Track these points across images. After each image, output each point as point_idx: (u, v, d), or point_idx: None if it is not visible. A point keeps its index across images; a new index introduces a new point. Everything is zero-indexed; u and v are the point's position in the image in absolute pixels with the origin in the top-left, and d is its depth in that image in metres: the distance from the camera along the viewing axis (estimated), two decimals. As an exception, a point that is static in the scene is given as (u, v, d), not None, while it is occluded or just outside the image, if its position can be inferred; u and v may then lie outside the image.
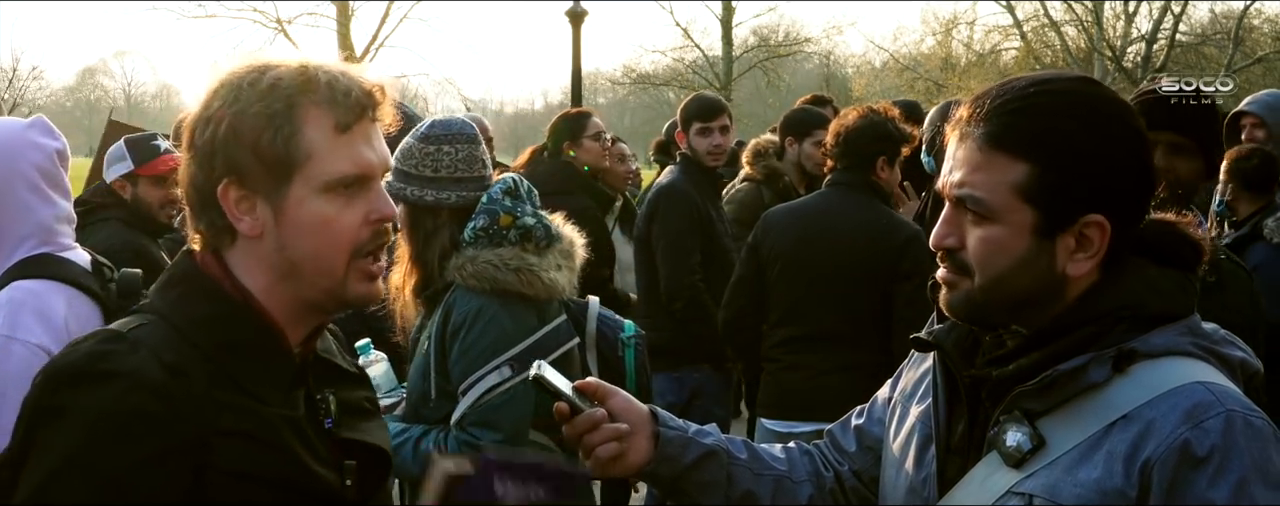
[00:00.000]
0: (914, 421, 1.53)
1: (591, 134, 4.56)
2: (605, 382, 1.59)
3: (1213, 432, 1.24)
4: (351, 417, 1.46)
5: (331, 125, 1.31)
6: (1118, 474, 1.27)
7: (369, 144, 1.35)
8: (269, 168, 1.30)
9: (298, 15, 35.21)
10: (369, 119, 1.36)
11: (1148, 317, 1.35)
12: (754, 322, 3.68)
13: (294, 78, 1.31)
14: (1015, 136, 1.32)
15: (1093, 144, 1.32)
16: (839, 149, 3.59)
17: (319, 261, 1.34)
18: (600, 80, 44.98)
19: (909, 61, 34.99)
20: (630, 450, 1.55)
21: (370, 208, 1.35)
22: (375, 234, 1.36)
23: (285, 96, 1.30)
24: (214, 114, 1.31)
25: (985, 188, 1.33)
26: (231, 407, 1.28)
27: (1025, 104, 1.33)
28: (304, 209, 1.32)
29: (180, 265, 1.41)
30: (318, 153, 1.31)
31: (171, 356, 1.26)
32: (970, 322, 1.43)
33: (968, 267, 1.37)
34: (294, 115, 1.30)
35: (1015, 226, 1.33)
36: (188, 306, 1.34)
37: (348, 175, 1.33)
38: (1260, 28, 30.13)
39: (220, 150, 1.31)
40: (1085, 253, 1.34)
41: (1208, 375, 1.31)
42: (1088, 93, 1.36)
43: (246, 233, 1.34)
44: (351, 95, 1.32)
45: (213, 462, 1.25)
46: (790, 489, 1.64)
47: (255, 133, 1.30)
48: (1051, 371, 1.32)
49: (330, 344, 1.53)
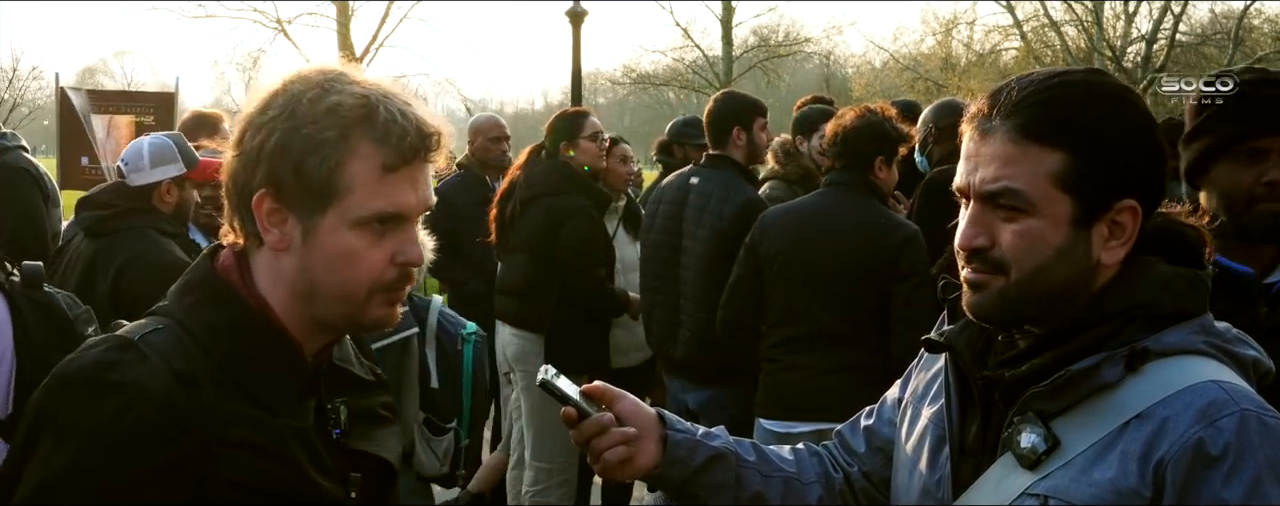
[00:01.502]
0: (926, 423, 1.53)
1: (589, 134, 4.55)
2: (613, 387, 1.59)
3: (1227, 431, 1.24)
4: (364, 426, 1.46)
5: (380, 164, 1.29)
6: (1132, 473, 1.27)
7: (413, 185, 1.33)
8: (308, 191, 1.29)
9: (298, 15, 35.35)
10: (421, 160, 1.33)
11: (1161, 316, 1.35)
12: (752, 322, 3.67)
13: (355, 107, 1.29)
14: (1048, 126, 1.32)
15: (1120, 129, 1.33)
16: (836, 148, 3.59)
17: (338, 290, 1.33)
18: (600, 80, 44.96)
19: (909, 61, 35.01)
20: (639, 453, 1.55)
21: (398, 248, 1.33)
22: (400, 275, 1.34)
23: (341, 125, 1.28)
24: (268, 121, 1.30)
25: (1023, 179, 1.32)
26: (239, 418, 1.27)
27: (1052, 94, 1.33)
28: (333, 238, 1.30)
29: (199, 269, 1.39)
30: (360, 188, 1.29)
31: (183, 364, 1.26)
32: (1001, 323, 1.42)
33: (1002, 265, 1.35)
34: (344, 146, 1.28)
35: (1054, 218, 1.33)
36: (204, 313, 1.33)
37: (384, 213, 1.31)
38: (1260, 28, 30.15)
39: (265, 160, 1.30)
40: (1118, 239, 1.35)
41: (1221, 374, 1.31)
42: (1103, 82, 1.37)
43: (272, 245, 1.33)
44: (407, 139, 1.30)
45: (216, 473, 1.24)
46: (799, 490, 1.64)
47: (302, 154, 1.28)
48: (1064, 372, 1.32)
49: (347, 351, 1.51)
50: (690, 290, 4.11)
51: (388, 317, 1.38)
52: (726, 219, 4.00)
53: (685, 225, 4.15)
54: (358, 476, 1.40)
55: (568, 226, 4.34)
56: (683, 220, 4.16)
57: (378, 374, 1.57)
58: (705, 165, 4.28)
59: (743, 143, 4.21)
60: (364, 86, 1.31)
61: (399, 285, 1.35)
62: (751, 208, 3.98)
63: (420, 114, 1.33)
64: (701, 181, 4.18)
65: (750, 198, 4.08)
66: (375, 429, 1.48)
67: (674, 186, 4.30)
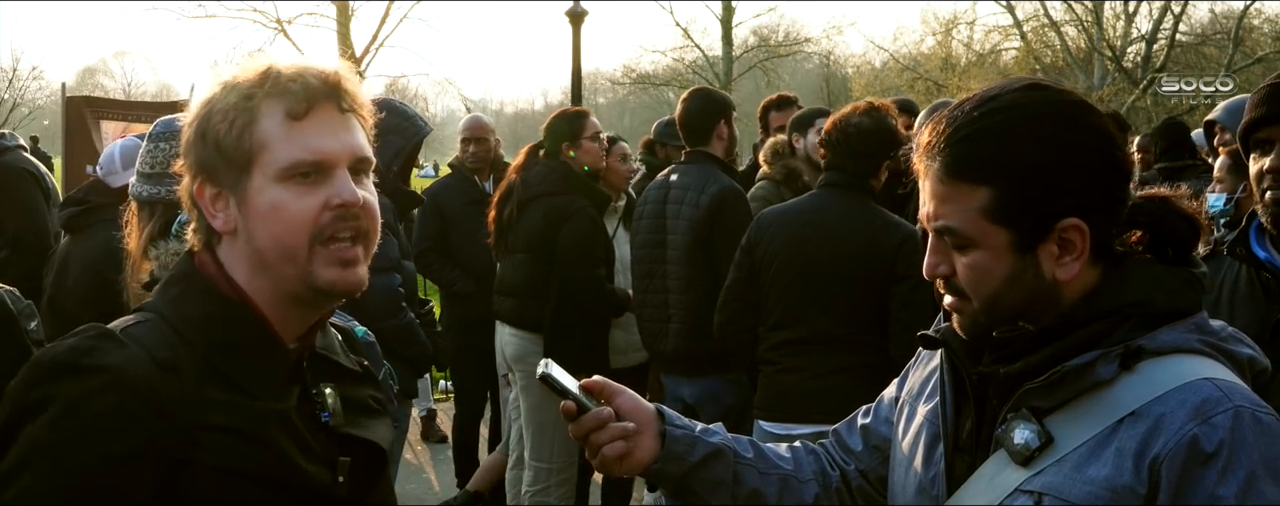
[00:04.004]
0: (922, 420, 1.54)
1: (590, 135, 4.54)
2: (612, 382, 1.59)
3: (1221, 428, 1.24)
4: (353, 414, 1.47)
5: (284, 114, 1.34)
6: (1127, 471, 1.27)
7: (331, 132, 1.36)
8: (230, 161, 1.34)
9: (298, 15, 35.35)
10: (333, 108, 1.37)
11: (1155, 315, 1.35)
12: (750, 324, 3.66)
13: (253, 76, 1.35)
14: (971, 165, 1.34)
15: (1047, 154, 1.32)
16: (842, 147, 3.53)
17: (280, 248, 1.34)
18: (600, 80, 44.99)
19: (909, 61, 35.03)
20: (636, 448, 1.56)
21: (331, 193, 1.34)
22: (336, 218, 1.35)
23: (243, 93, 1.34)
24: (190, 119, 1.38)
25: (956, 217, 1.36)
26: (222, 404, 1.29)
27: (973, 129, 1.34)
28: (262, 197, 1.34)
29: (181, 265, 1.44)
30: (272, 142, 1.33)
31: (165, 352, 1.28)
32: (982, 343, 1.43)
33: (965, 292, 1.39)
34: (248, 107, 1.34)
35: (994, 249, 1.35)
36: (185, 304, 1.37)
37: (303, 162, 1.33)
38: (1260, 28, 30.14)
39: (191, 150, 1.37)
40: (1071, 255, 1.35)
41: (1215, 371, 1.31)
42: (1035, 101, 1.35)
43: (221, 228, 1.38)
44: (301, 82, 1.34)
45: (198, 458, 1.25)
46: (796, 487, 1.65)
47: (217, 130, 1.34)
48: (1059, 368, 1.33)
49: (332, 341, 1.53)
50: (674, 282, 4.16)
51: (342, 279, 1.36)
52: (703, 207, 4.07)
53: (666, 221, 4.21)
54: (346, 461, 1.41)
55: (567, 227, 4.34)
56: (665, 217, 4.22)
57: (366, 366, 1.58)
58: (685, 162, 4.35)
59: (725, 136, 4.30)
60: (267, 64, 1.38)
61: (341, 233, 1.35)
62: (727, 194, 4.06)
63: (320, 67, 1.38)
64: (680, 177, 4.25)
65: (726, 185, 4.13)
66: (364, 417, 1.49)
67: (655, 187, 4.36)
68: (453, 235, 5.34)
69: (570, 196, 4.41)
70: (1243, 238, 2.07)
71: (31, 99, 34.89)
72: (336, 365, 1.50)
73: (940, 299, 1.54)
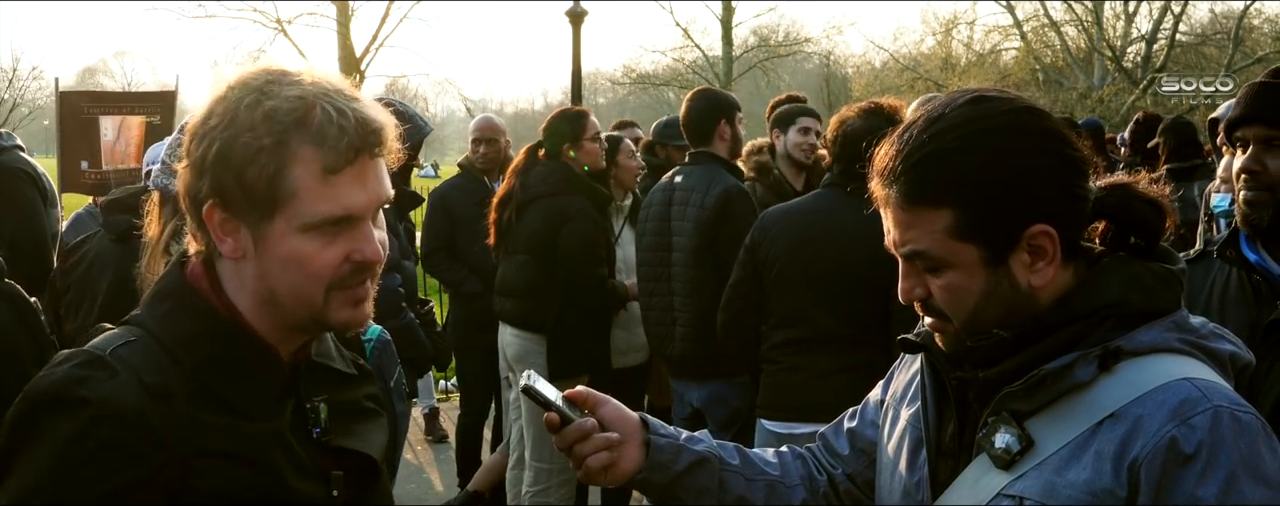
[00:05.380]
0: (905, 424, 1.54)
1: (591, 135, 4.54)
2: (596, 392, 1.59)
3: (1200, 429, 1.24)
4: (346, 422, 1.45)
5: (320, 167, 1.27)
6: (1107, 473, 1.27)
7: (361, 184, 1.30)
8: (253, 200, 1.27)
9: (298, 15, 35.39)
10: (367, 157, 1.30)
11: (1133, 314, 1.35)
12: (753, 324, 3.66)
13: (291, 110, 1.26)
14: (927, 189, 1.34)
15: (1001, 166, 1.32)
16: (839, 149, 3.53)
17: (295, 295, 1.31)
18: (600, 80, 44.97)
19: (909, 61, 35.01)
20: (622, 458, 1.56)
21: (352, 247, 1.31)
22: (355, 271, 1.33)
23: (277, 131, 1.25)
24: (210, 131, 1.28)
25: (923, 241, 1.35)
26: (213, 428, 1.26)
27: (924, 153, 1.34)
28: (283, 244, 1.29)
29: (170, 278, 1.38)
30: (302, 193, 1.27)
31: (155, 376, 1.25)
32: (969, 360, 1.43)
33: (943, 313, 1.39)
34: (282, 152, 1.26)
35: (966, 266, 1.35)
36: (176, 322, 1.32)
37: (331, 216, 1.29)
38: (1260, 28, 30.14)
39: (209, 171, 1.28)
40: (1043, 261, 1.35)
41: (1195, 371, 1.31)
42: (982, 114, 1.35)
43: (228, 254, 1.32)
44: (346, 138, 1.27)
45: (191, 485, 1.23)
46: (783, 493, 1.65)
47: (242, 163, 1.26)
48: (1037, 371, 1.32)
49: (327, 346, 1.50)
50: (680, 284, 4.16)
51: (354, 318, 1.36)
52: (708, 207, 4.06)
53: (672, 223, 4.20)
54: (340, 474, 1.39)
55: (568, 227, 4.34)
56: (670, 219, 4.21)
57: (361, 365, 1.56)
58: (689, 163, 4.34)
59: (728, 137, 4.28)
60: (303, 87, 1.28)
61: (357, 282, 1.33)
62: (733, 194, 4.05)
63: (362, 110, 1.29)
64: (685, 178, 4.25)
65: (731, 185, 4.13)
66: (358, 423, 1.47)
67: (660, 189, 4.35)
68: (461, 235, 5.32)
69: (570, 197, 4.40)
70: (1233, 240, 2.07)
71: (31, 99, 34.86)
72: (333, 371, 1.48)
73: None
